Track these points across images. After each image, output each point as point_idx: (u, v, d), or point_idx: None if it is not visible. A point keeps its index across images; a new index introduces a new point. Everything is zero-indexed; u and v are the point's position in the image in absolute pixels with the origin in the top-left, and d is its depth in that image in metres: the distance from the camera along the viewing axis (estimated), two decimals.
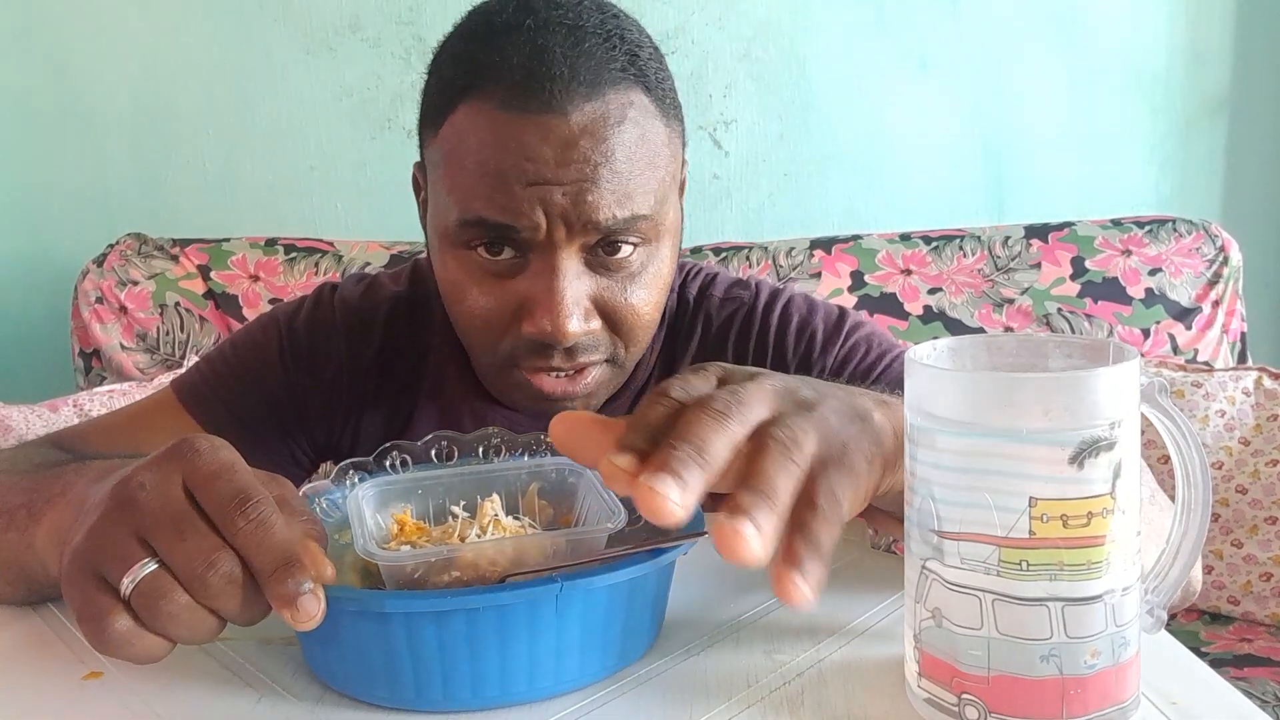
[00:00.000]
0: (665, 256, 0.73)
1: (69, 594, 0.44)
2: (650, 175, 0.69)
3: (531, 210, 0.66)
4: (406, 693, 0.49)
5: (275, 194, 1.95)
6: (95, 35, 1.89)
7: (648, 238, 0.71)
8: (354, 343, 0.85)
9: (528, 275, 0.69)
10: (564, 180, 0.65)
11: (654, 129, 0.70)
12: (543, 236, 0.67)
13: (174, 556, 0.43)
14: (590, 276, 0.70)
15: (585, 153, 0.65)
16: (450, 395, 0.85)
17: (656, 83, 0.71)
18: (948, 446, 0.44)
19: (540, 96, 0.65)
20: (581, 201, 0.66)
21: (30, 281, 1.96)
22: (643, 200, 0.68)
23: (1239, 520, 1.44)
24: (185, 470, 0.45)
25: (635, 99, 0.68)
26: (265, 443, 0.84)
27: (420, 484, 0.60)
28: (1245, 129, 1.98)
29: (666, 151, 0.71)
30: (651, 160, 0.69)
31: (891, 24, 1.93)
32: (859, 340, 0.84)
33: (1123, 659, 0.44)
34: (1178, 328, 1.69)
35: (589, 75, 0.66)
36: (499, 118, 0.66)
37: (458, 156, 0.68)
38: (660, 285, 0.73)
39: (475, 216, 0.68)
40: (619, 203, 0.67)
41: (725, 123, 1.96)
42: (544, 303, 0.68)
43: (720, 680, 0.52)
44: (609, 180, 0.66)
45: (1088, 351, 0.47)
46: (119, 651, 0.43)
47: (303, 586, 0.42)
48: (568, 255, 0.68)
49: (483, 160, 0.66)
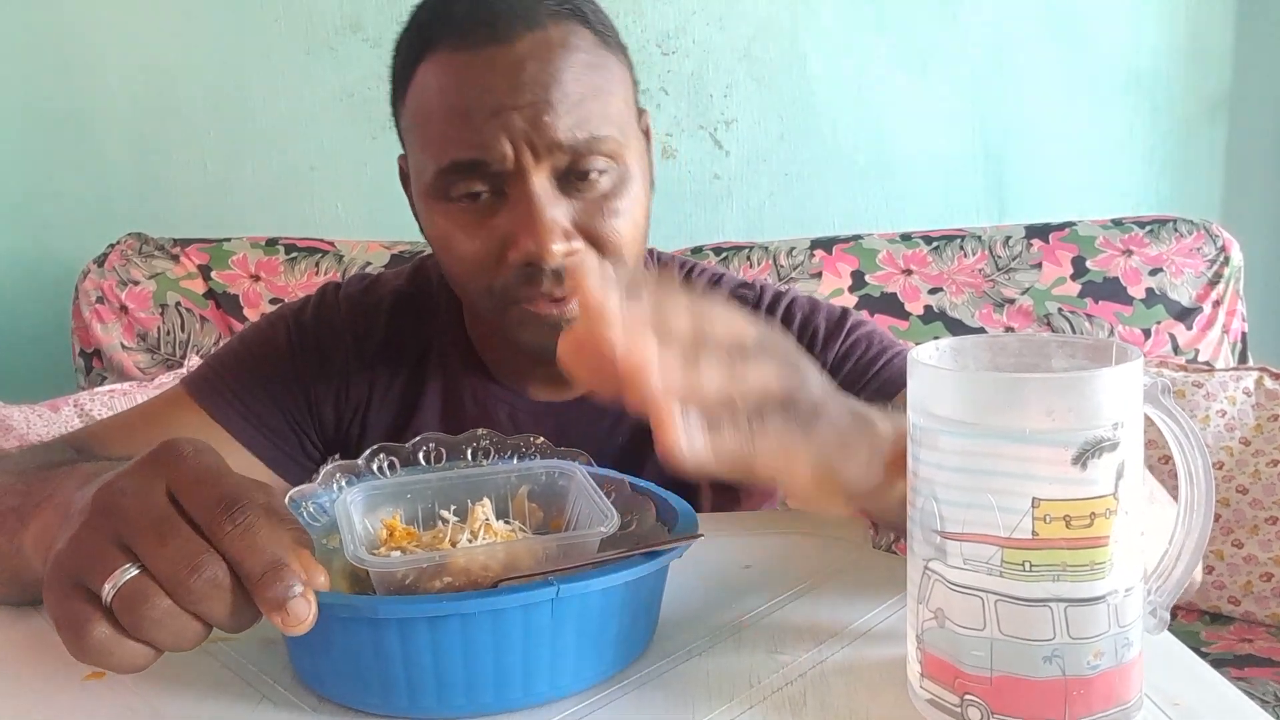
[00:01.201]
0: (638, 182, 0.76)
1: (49, 602, 0.44)
2: (604, 100, 0.73)
3: (495, 140, 0.69)
4: (400, 700, 0.48)
5: (275, 194, 1.95)
6: (96, 35, 1.89)
7: (615, 158, 0.73)
8: (359, 335, 0.87)
9: (507, 209, 0.72)
10: (519, 103, 0.69)
11: (600, 58, 0.73)
12: (512, 165, 0.70)
13: (156, 561, 0.42)
14: (565, 201, 0.73)
15: (534, 74, 0.69)
16: (454, 382, 0.87)
17: (596, 20, 0.75)
18: (950, 447, 0.44)
19: (484, 33, 0.70)
20: (539, 122, 0.69)
21: (30, 281, 1.96)
22: (600, 123, 0.72)
23: (1240, 520, 1.44)
24: (169, 475, 0.44)
25: (576, 30, 0.72)
26: (276, 434, 0.85)
27: (409, 488, 0.60)
28: (1245, 129, 1.97)
29: (617, 79, 0.75)
30: (603, 86, 0.73)
31: (891, 24, 1.93)
32: (860, 337, 0.86)
33: (1125, 660, 0.44)
34: (1178, 328, 1.69)
35: (526, 10, 0.71)
36: (452, 61, 0.71)
37: (424, 112, 0.73)
38: (637, 210, 0.76)
39: (449, 162, 0.71)
40: (577, 124, 0.70)
41: (725, 123, 1.96)
42: (525, 227, 0.71)
43: (722, 681, 0.51)
44: (561, 101, 0.70)
45: (1091, 352, 0.47)
46: (99, 659, 0.42)
47: (292, 590, 0.42)
48: (539, 180, 0.71)
49: (445, 104, 0.71)
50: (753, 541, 0.72)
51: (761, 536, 0.74)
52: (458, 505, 0.59)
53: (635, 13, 1.91)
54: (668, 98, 1.93)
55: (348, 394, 0.87)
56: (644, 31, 1.91)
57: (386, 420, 0.87)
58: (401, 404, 0.87)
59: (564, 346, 0.46)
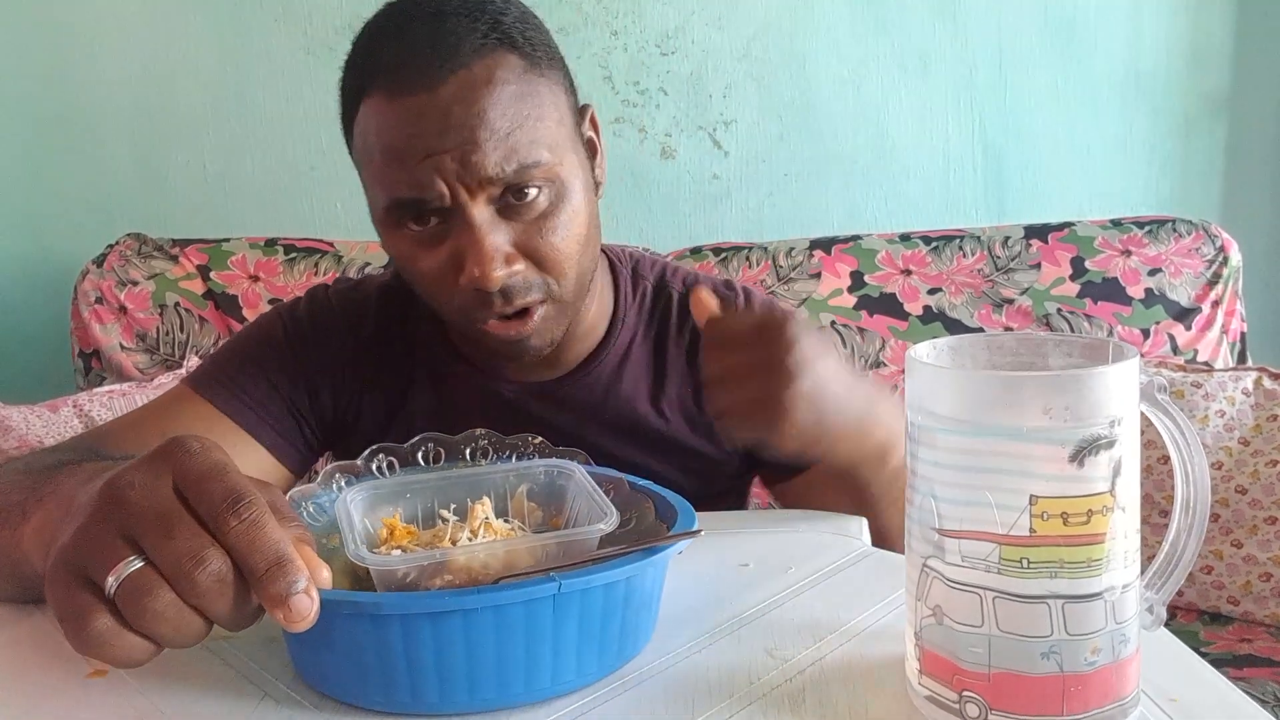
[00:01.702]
0: (577, 193, 0.79)
1: (51, 592, 0.44)
2: (534, 126, 0.76)
3: (430, 181, 0.74)
4: (402, 696, 0.48)
5: (275, 194, 1.95)
6: (96, 35, 1.89)
7: (549, 178, 0.77)
8: (351, 325, 0.92)
9: (452, 236, 0.77)
10: (447, 146, 0.73)
11: (528, 84, 0.76)
12: (450, 202, 0.75)
13: (161, 554, 0.42)
14: (506, 225, 0.76)
15: (460, 117, 0.73)
16: (440, 367, 0.92)
17: (524, 41, 0.77)
18: (948, 445, 0.44)
19: (412, 80, 0.73)
20: (468, 162, 0.73)
21: (30, 281, 1.95)
22: (529, 150, 0.75)
23: (1239, 520, 1.44)
24: (175, 470, 0.44)
25: (502, 60, 0.75)
26: (278, 420, 0.88)
27: (408, 487, 0.60)
28: (1245, 129, 1.98)
29: (548, 101, 0.78)
30: (530, 113, 0.76)
31: (891, 24, 1.93)
32: None
33: (1123, 656, 0.44)
34: (1177, 328, 1.69)
35: (449, 51, 0.74)
36: (386, 107, 0.75)
37: (368, 151, 0.77)
38: (577, 220, 0.79)
39: (392, 200, 0.76)
40: (505, 157, 0.74)
41: (725, 123, 1.96)
42: (469, 256, 0.75)
43: (722, 678, 0.52)
44: (488, 139, 0.73)
45: (1088, 350, 0.47)
46: (99, 651, 0.42)
47: (295, 586, 0.42)
48: (478, 211, 0.75)
49: (384, 147, 0.75)
50: (751, 540, 0.72)
51: (760, 535, 0.74)
52: (457, 504, 0.59)
53: (635, 13, 1.91)
54: (667, 98, 1.93)
55: (344, 378, 0.91)
56: (644, 31, 1.91)
57: (381, 403, 0.92)
58: (394, 387, 0.92)
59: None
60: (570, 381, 0.90)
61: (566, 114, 0.81)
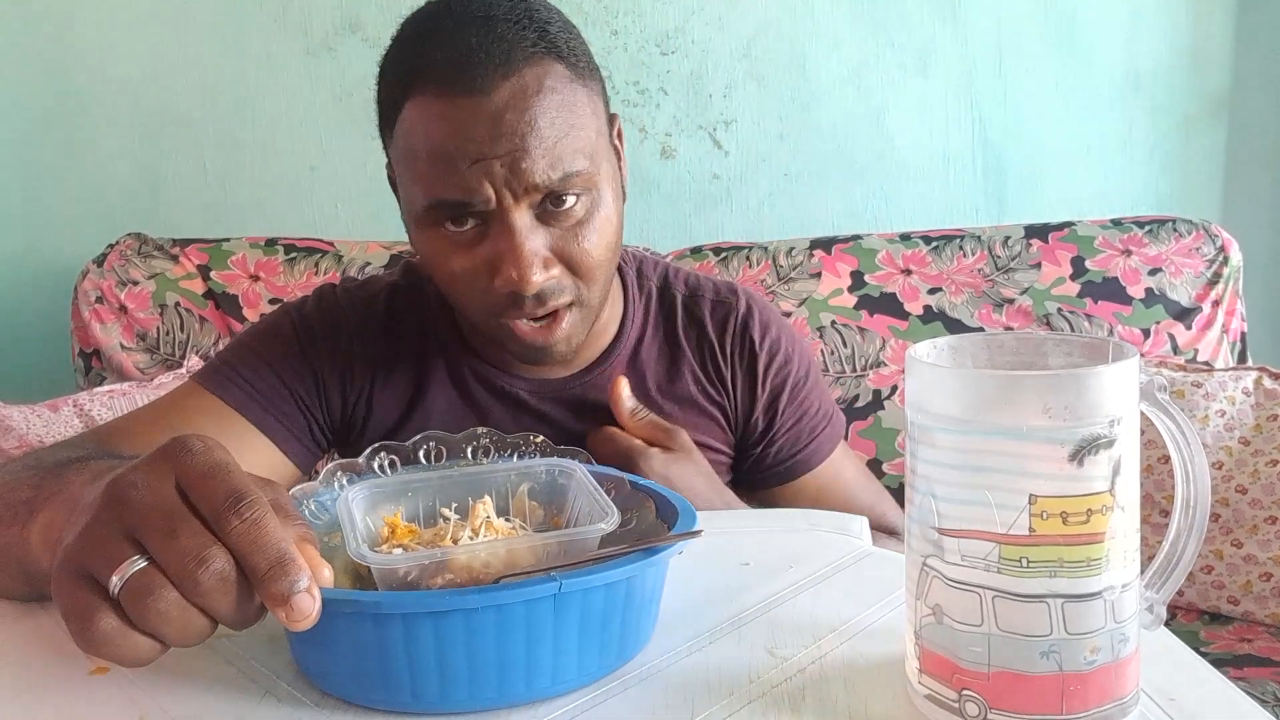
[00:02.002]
0: (609, 201, 0.82)
1: (57, 593, 0.44)
2: (577, 135, 0.78)
3: (479, 185, 0.75)
4: (402, 695, 0.49)
5: (275, 194, 1.95)
6: (95, 35, 1.89)
7: (587, 188, 0.79)
8: (361, 322, 0.93)
9: (491, 239, 0.78)
10: (499, 152, 0.75)
11: (573, 93, 0.78)
12: (493, 205, 0.76)
13: (165, 554, 0.42)
14: (544, 230, 0.78)
15: (511, 124, 0.75)
16: (453, 360, 0.93)
17: (569, 51, 0.80)
18: (948, 444, 0.44)
19: (465, 83, 0.75)
20: (518, 169, 0.75)
21: (30, 281, 1.95)
22: (573, 159, 0.77)
23: (1239, 520, 1.44)
24: (178, 469, 0.44)
25: (550, 69, 0.77)
26: (286, 415, 0.89)
27: (410, 486, 0.60)
28: (1245, 129, 1.98)
29: (589, 111, 0.80)
30: (575, 121, 0.78)
31: (891, 24, 1.93)
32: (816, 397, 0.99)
33: (1122, 655, 0.44)
34: (1178, 328, 1.69)
35: (503, 56, 0.75)
36: (436, 108, 0.76)
37: (412, 150, 0.78)
38: (609, 228, 0.82)
39: (436, 200, 0.77)
40: (551, 165, 0.76)
41: (725, 123, 1.96)
42: (508, 259, 0.77)
43: (722, 677, 0.52)
44: (537, 146, 0.75)
45: (1087, 350, 0.47)
46: (105, 651, 0.43)
47: (297, 585, 0.42)
48: (520, 216, 0.77)
49: (431, 148, 0.76)
50: (751, 539, 0.72)
51: (760, 534, 0.74)
52: (459, 503, 0.59)
53: (635, 13, 1.91)
54: (667, 98, 1.93)
55: (353, 374, 0.92)
56: (644, 31, 1.92)
57: (393, 400, 0.92)
58: (407, 383, 0.92)
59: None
60: (581, 380, 0.93)
61: (603, 124, 0.83)
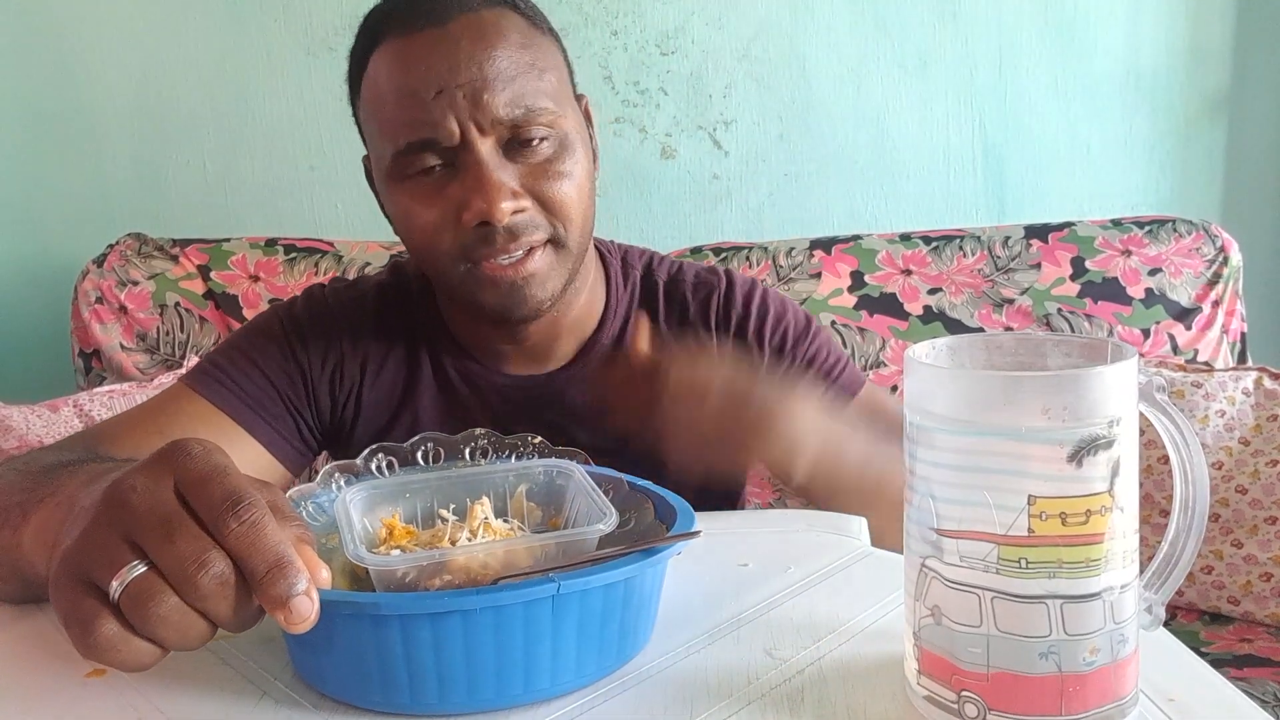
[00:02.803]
0: (579, 152, 0.82)
1: (56, 598, 0.44)
2: (538, 75, 0.79)
3: (443, 118, 0.77)
4: (401, 696, 0.48)
5: (275, 194, 1.95)
6: (96, 35, 1.89)
7: (553, 127, 0.80)
8: (350, 322, 0.93)
9: (459, 179, 0.79)
10: (460, 81, 0.76)
11: (534, 39, 0.81)
12: (459, 140, 0.77)
13: (164, 558, 0.42)
14: (511, 166, 0.79)
15: (470, 52, 0.77)
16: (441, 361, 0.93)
17: (526, 7, 0.82)
18: (947, 445, 0.44)
19: (423, 17, 0.77)
20: (480, 100, 0.76)
21: (30, 281, 1.95)
22: (535, 96, 0.79)
23: (1239, 520, 1.44)
24: (177, 473, 0.44)
25: (508, 15, 0.80)
26: (274, 417, 0.89)
27: (408, 487, 0.60)
28: (1245, 129, 1.97)
29: (550, 61, 0.82)
30: (534, 62, 0.80)
31: (891, 24, 1.93)
32: (822, 344, 0.97)
33: (1121, 656, 0.44)
34: (1178, 328, 1.69)
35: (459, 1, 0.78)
36: (397, 47, 0.78)
37: (377, 99, 0.80)
38: (579, 173, 0.82)
39: (403, 143, 0.78)
40: (514, 99, 0.77)
41: (725, 123, 1.96)
42: (476, 190, 0.78)
43: (720, 678, 0.52)
44: (496, 78, 0.77)
45: (1086, 350, 0.47)
46: (106, 657, 0.43)
47: (295, 588, 0.42)
48: (486, 148, 0.78)
49: (394, 87, 0.78)
50: (750, 540, 0.72)
51: (759, 535, 0.74)
52: (457, 504, 0.59)
53: (635, 13, 1.91)
54: (667, 98, 1.93)
55: (342, 374, 0.92)
56: (644, 31, 1.91)
57: (381, 399, 0.92)
58: (395, 382, 0.93)
59: None
60: (566, 374, 0.93)
61: (565, 79, 0.84)
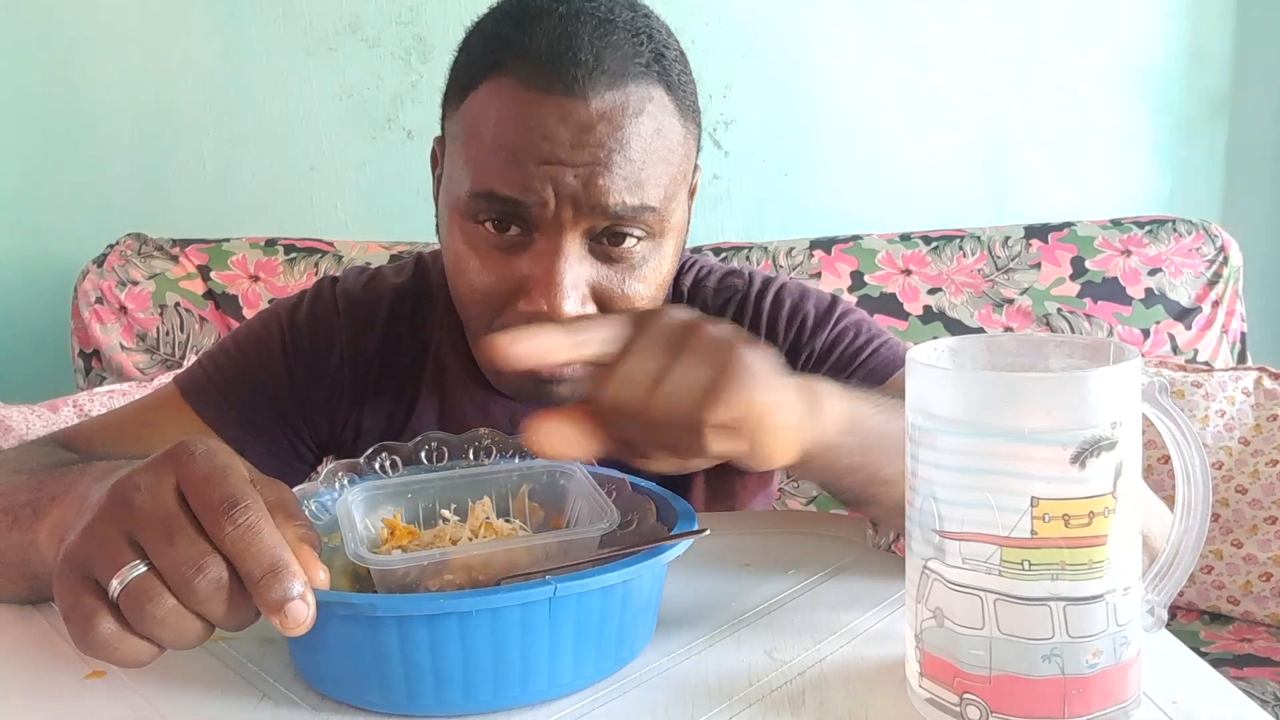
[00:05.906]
0: (667, 254, 0.74)
1: (58, 593, 0.44)
2: (663, 170, 0.70)
3: (542, 188, 0.67)
4: (398, 697, 0.48)
5: (275, 194, 1.95)
6: (96, 35, 1.89)
7: (652, 231, 0.71)
8: (356, 335, 0.85)
9: (530, 254, 0.70)
10: (577, 162, 0.66)
11: (671, 126, 0.71)
12: (550, 216, 0.68)
13: (162, 560, 0.43)
14: (591, 263, 0.70)
15: (601, 138, 0.66)
16: (452, 387, 0.85)
17: (679, 84, 0.73)
18: (949, 446, 0.44)
19: (563, 79, 0.66)
20: (592, 185, 0.67)
21: (30, 281, 1.95)
22: (653, 192, 0.69)
23: (1239, 520, 1.44)
24: (179, 473, 0.44)
25: (655, 95, 0.70)
26: (269, 437, 0.83)
27: (410, 487, 0.60)
28: (1245, 129, 1.97)
29: (681, 150, 0.73)
30: (665, 155, 0.70)
31: (892, 23, 1.93)
32: (848, 325, 0.86)
33: (1124, 658, 0.44)
34: (1178, 328, 1.69)
35: (613, 65, 0.67)
36: (521, 95, 0.67)
37: (477, 130, 0.69)
38: (659, 282, 0.74)
39: (486, 189, 0.68)
40: (629, 190, 0.68)
41: (725, 123, 1.96)
42: (543, 282, 0.68)
43: (721, 679, 0.52)
44: (621, 167, 0.67)
45: (1088, 351, 0.47)
46: (103, 654, 0.43)
47: (290, 592, 0.42)
48: (572, 238, 0.69)
49: (500, 135, 0.68)
50: (752, 541, 0.72)
51: (760, 536, 0.74)
52: (458, 504, 0.59)
53: None
54: None
55: (343, 394, 0.85)
56: None
57: (384, 416, 0.86)
58: (397, 406, 0.86)
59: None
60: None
61: (689, 170, 0.76)
